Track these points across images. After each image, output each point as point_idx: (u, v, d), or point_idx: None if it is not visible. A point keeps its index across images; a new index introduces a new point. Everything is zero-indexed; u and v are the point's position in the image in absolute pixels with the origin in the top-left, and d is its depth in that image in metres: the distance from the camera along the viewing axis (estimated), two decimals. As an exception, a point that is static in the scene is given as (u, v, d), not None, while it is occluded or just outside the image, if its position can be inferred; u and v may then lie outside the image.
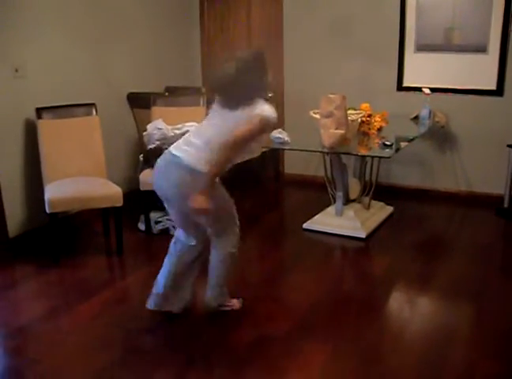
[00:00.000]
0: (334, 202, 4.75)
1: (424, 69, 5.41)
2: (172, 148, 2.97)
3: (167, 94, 5.42)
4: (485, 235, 4.65)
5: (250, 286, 3.67)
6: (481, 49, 5.14)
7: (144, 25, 5.44)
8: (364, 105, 4.75)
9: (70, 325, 3.23)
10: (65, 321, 3.26)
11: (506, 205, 5.10)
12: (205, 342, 3.04)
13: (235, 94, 2.89)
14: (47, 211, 3.94)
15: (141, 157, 4.77)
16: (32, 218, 4.40)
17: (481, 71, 5.20)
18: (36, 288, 3.75)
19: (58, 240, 4.09)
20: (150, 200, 4.56)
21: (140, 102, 5.18)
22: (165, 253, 3.23)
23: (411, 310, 3.43)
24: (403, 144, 4.42)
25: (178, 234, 3.21)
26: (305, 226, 4.72)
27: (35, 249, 4.28)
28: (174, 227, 4.51)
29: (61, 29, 4.53)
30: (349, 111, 4.35)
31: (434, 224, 4.96)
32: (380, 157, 4.49)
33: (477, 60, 5.19)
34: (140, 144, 5.15)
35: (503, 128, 5.18)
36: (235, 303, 3.30)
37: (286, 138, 4.49)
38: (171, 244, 3.24)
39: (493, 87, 5.17)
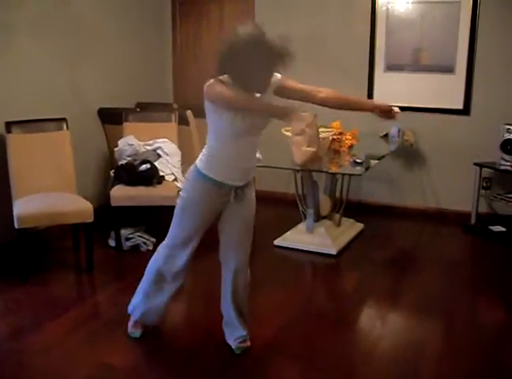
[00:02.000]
0: (305, 219, 4.78)
1: (393, 88, 5.50)
2: None
3: (138, 110, 5.41)
4: (453, 252, 4.73)
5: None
6: (448, 69, 5.28)
7: (116, 41, 5.43)
8: (335, 123, 4.80)
9: (39, 344, 3.16)
10: (33, 340, 3.19)
11: (473, 222, 5.20)
12: (176, 361, 3.02)
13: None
14: (16, 226, 3.88)
15: (112, 173, 4.74)
16: (0, 233, 4.33)
17: (448, 91, 5.33)
18: (3, 306, 3.65)
19: (26, 256, 4.02)
20: (121, 216, 4.53)
21: (111, 117, 5.15)
22: (135, 270, 3.19)
23: (382, 326, 3.46)
24: (373, 161, 4.48)
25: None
26: (276, 242, 4.73)
27: (2, 266, 4.19)
28: (145, 243, 4.51)
29: (32, 43, 4.50)
30: (320, 129, 4.37)
31: (403, 241, 5.03)
32: (351, 175, 4.54)
33: (445, 80, 5.32)
34: (111, 160, 5.12)
35: (470, 146, 5.29)
36: None
37: (257, 155, 4.49)
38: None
39: (460, 106, 5.30)
